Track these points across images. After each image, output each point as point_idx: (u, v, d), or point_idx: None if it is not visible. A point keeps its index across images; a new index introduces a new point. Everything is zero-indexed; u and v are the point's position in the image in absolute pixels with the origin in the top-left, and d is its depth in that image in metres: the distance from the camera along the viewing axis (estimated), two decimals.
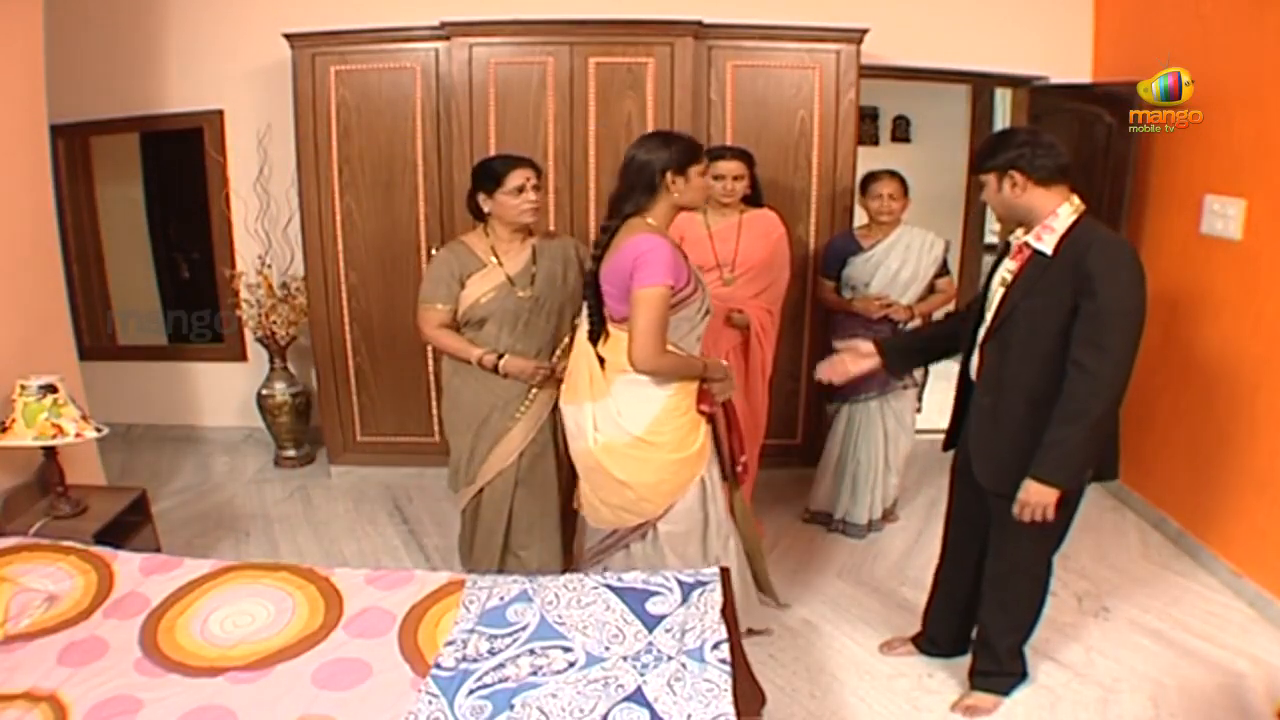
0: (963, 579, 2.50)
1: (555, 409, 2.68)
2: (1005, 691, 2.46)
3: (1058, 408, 2.02)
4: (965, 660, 2.53)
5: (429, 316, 2.61)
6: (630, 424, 2.29)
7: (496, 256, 2.60)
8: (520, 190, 2.51)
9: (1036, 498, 2.08)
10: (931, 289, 3.31)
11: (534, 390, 2.65)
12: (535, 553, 2.75)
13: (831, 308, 3.40)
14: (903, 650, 2.69)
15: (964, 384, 2.38)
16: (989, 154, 2.12)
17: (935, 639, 2.64)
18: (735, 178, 2.99)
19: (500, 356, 2.57)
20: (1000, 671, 2.45)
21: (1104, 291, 1.95)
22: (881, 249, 3.22)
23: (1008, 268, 2.18)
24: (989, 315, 2.21)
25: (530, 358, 2.61)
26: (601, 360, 2.33)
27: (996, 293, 2.20)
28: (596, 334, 2.34)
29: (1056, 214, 2.06)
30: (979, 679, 2.46)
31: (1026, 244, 2.11)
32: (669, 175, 2.19)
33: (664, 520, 2.38)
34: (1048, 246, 2.05)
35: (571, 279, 2.67)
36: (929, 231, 3.28)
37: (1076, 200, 2.08)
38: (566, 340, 2.68)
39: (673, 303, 2.19)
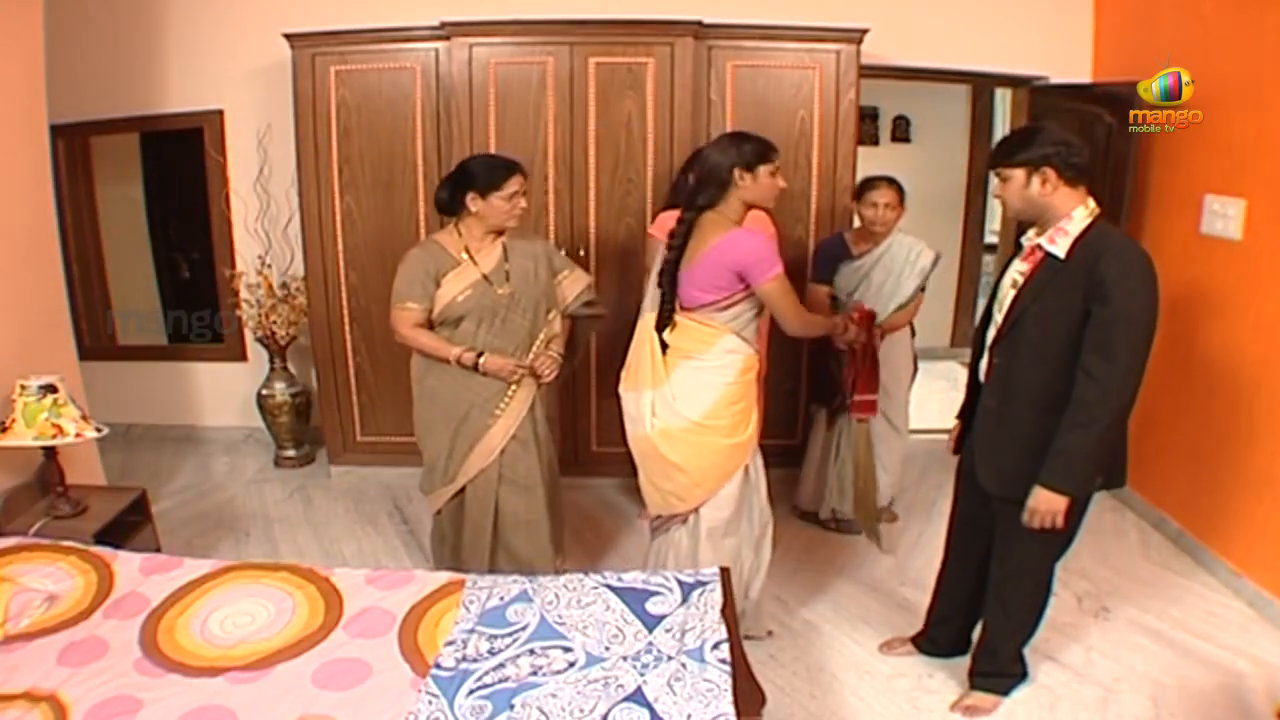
0: (965, 581, 2.49)
1: (534, 406, 2.69)
2: (1005, 692, 2.46)
3: (1067, 415, 2.00)
4: (965, 660, 2.53)
5: (404, 316, 2.58)
6: (687, 409, 2.40)
7: (469, 254, 2.60)
8: (513, 196, 2.53)
9: (1046, 505, 2.07)
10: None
11: (513, 387, 2.63)
12: (523, 547, 2.75)
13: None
14: (902, 650, 2.69)
15: (973, 386, 2.37)
16: (1020, 148, 2.06)
17: (935, 639, 2.64)
18: None
19: (479, 354, 2.56)
20: (1000, 672, 2.45)
21: (1117, 298, 1.92)
22: (870, 259, 3.17)
23: (1019, 269, 2.15)
24: (999, 317, 2.18)
25: (508, 355, 2.60)
26: (664, 346, 2.44)
27: (1007, 295, 2.17)
28: (664, 322, 2.44)
29: (1072, 216, 2.03)
30: (979, 679, 2.46)
31: (1039, 246, 2.08)
32: (738, 172, 2.37)
33: (708, 505, 2.47)
34: (1061, 250, 2.03)
35: (543, 277, 2.67)
36: (920, 241, 3.17)
37: (1092, 204, 2.05)
38: (542, 336, 2.69)
39: (744, 291, 2.38)
